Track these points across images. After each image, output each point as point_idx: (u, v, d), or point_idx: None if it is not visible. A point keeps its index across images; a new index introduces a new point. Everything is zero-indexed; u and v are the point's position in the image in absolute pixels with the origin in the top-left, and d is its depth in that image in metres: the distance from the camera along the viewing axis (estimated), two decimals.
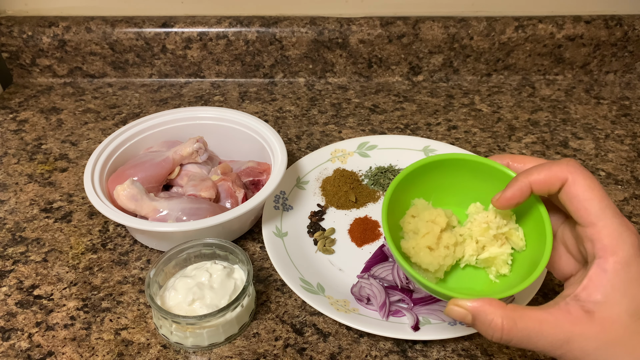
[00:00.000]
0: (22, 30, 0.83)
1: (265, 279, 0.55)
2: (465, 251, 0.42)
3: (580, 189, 0.34)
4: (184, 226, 0.51)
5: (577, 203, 0.34)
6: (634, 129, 0.78)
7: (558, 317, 0.33)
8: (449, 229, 0.42)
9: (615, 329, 0.32)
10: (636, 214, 0.63)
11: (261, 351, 0.48)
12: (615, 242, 0.32)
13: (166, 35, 0.84)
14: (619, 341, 0.32)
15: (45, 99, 0.84)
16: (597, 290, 0.33)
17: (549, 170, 0.35)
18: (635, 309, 0.32)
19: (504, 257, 0.41)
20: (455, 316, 0.36)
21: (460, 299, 0.36)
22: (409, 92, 0.87)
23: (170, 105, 0.83)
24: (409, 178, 0.41)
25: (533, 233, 0.39)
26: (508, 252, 0.40)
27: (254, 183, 0.63)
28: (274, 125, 0.79)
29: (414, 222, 0.42)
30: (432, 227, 0.41)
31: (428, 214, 0.41)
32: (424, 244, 0.41)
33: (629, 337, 0.32)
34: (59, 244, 0.59)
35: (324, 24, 0.84)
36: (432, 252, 0.41)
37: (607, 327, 0.32)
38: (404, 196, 0.42)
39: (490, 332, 0.34)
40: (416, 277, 0.38)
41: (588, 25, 0.85)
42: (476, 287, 0.42)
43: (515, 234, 0.40)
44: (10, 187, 0.67)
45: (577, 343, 0.33)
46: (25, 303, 0.52)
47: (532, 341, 0.33)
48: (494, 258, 0.41)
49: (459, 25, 0.84)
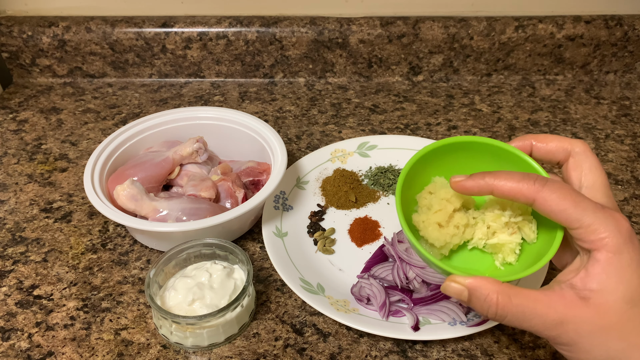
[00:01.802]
0: (22, 30, 0.83)
1: (265, 279, 0.55)
2: (475, 234, 0.42)
3: (552, 204, 0.34)
4: (184, 226, 0.51)
5: (555, 216, 0.35)
6: (634, 129, 0.78)
7: (552, 298, 0.34)
8: (463, 210, 0.42)
9: (610, 315, 0.33)
10: (636, 214, 0.63)
11: (261, 351, 0.48)
12: (602, 235, 0.33)
13: (166, 35, 0.84)
14: (613, 326, 0.33)
15: (45, 99, 0.85)
16: (592, 280, 0.33)
17: (517, 184, 0.35)
18: (631, 295, 0.33)
19: (513, 245, 0.41)
20: (452, 292, 0.36)
21: (457, 276, 0.36)
22: (409, 92, 0.87)
23: (170, 105, 0.83)
24: (433, 155, 0.41)
25: (546, 227, 0.40)
26: (517, 242, 0.40)
27: (254, 183, 0.63)
28: (274, 125, 0.79)
29: (429, 198, 0.42)
30: (446, 205, 0.41)
31: (444, 192, 0.41)
32: (435, 219, 0.41)
33: (624, 323, 0.33)
34: (58, 244, 0.59)
35: (324, 24, 0.84)
36: (440, 229, 0.41)
37: (602, 312, 0.33)
38: (425, 172, 0.42)
39: (486, 307, 0.35)
40: (418, 248, 0.38)
41: (588, 25, 0.85)
42: (479, 269, 0.43)
43: (528, 225, 0.40)
44: (10, 187, 0.67)
45: (572, 325, 0.33)
46: (25, 303, 0.52)
47: (527, 319, 0.34)
48: (502, 245, 0.41)
49: (459, 25, 0.84)
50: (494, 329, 0.50)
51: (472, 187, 0.37)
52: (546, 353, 0.48)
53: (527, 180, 0.35)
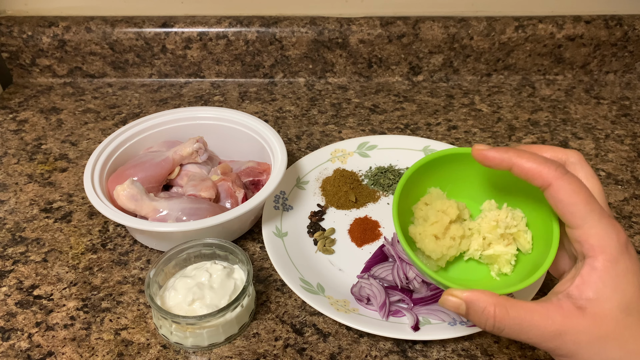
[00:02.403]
0: (22, 30, 0.83)
1: (265, 279, 0.55)
2: (470, 245, 0.42)
3: (565, 194, 0.34)
4: (184, 226, 0.51)
5: (563, 207, 0.35)
6: (634, 129, 0.78)
7: (550, 309, 0.34)
8: (459, 221, 0.43)
9: (607, 324, 0.33)
10: (636, 214, 0.63)
11: (261, 351, 0.48)
12: (602, 241, 0.33)
13: (166, 35, 0.84)
14: (610, 335, 0.33)
15: (45, 99, 0.85)
16: (588, 288, 0.33)
17: (538, 166, 0.35)
18: (627, 303, 0.33)
19: (508, 256, 0.41)
20: (450, 306, 0.36)
21: (454, 289, 0.36)
22: (409, 92, 0.87)
23: (170, 105, 0.83)
24: (429, 166, 0.42)
25: (541, 238, 0.40)
26: (512, 253, 0.41)
27: (254, 183, 0.63)
28: (274, 125, 0.79)
29: (425, 210, 0.43)
30: (442, 217, 0.41)
31: (440, 204, 0.42)
32: (431, 231, 0.41)
33: (621, 332, 0.33)
34: (59, 244, 0.59)
35: (324, 24, 0.84)
36: (437, 240, 0.41)
37: (599, 321, 0.33)
38: (421, 183, 0.43)
39: (484, 320, 0.35)
40: (415, 261, 0.38)
41: (588, 25, 0.85)
42: (475, 280, 0.43)
43: (523, 236, 0.41)
44: (10, 187, 0.67)
45: (570, 336, 0.33)
46: (25, 303, 0.52)
47: (524, 331, 0.34)
48: (498, 256, 0.41)
49: (459, 25, 0.84)
50: None
51: (493, 157, 0.36)
52: (546, 353, 0.48)
53: (549, 165, 0.35)
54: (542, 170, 0.35)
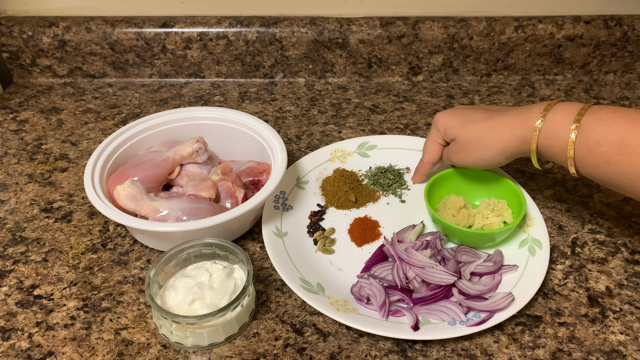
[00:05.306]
0: (22, 30, 0.84)
1: (265, 279, 0.55)
2: (475, 221, 0.59)
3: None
4: (184, 226, 0.51)
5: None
6: None
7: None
8: (466, 207, 0.61)
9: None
10: (636, 214, 0.63)
11: (261, 351, 0.48)
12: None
13: (166, 35, 0.84)
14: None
15: (45, 99, 0.85)
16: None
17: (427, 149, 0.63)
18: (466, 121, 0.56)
19: (499, 223, 0.59)
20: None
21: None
22: (409, 92, 0.87)
23: (170, 105, 0.83)
24: (445, 176, 0.63)
25: (516, 210, 0.59)
26: (502, 220, 0.59)
27: (254, 183, 0.63)
28: (274, 125, 0.79)
29: (445, 202, 0.62)
30: (455, 203, 0.60)
31: (453, 197, 0.62)
32: (449, 212, 0.60)
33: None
34: (59, 244, 0.59)
35: (324, 24, 0.84)
36: (453, 217, 0.59)
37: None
38: (440, 188, 0.63)
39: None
40: (439, 217, 0.57)
41: (588, 25, 0.85)
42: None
43: (507, 211, 0.59)
44: (10, 187, 0.67)
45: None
46: (26, 303, 0.52)
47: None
48: (493, 224, 0.59)
49: (458, 25, 0.84)
50: (493, 329, 0.50)
51: (422, 177, 0.66)
52: (546, 353, 0.48)
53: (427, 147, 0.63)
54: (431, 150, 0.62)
